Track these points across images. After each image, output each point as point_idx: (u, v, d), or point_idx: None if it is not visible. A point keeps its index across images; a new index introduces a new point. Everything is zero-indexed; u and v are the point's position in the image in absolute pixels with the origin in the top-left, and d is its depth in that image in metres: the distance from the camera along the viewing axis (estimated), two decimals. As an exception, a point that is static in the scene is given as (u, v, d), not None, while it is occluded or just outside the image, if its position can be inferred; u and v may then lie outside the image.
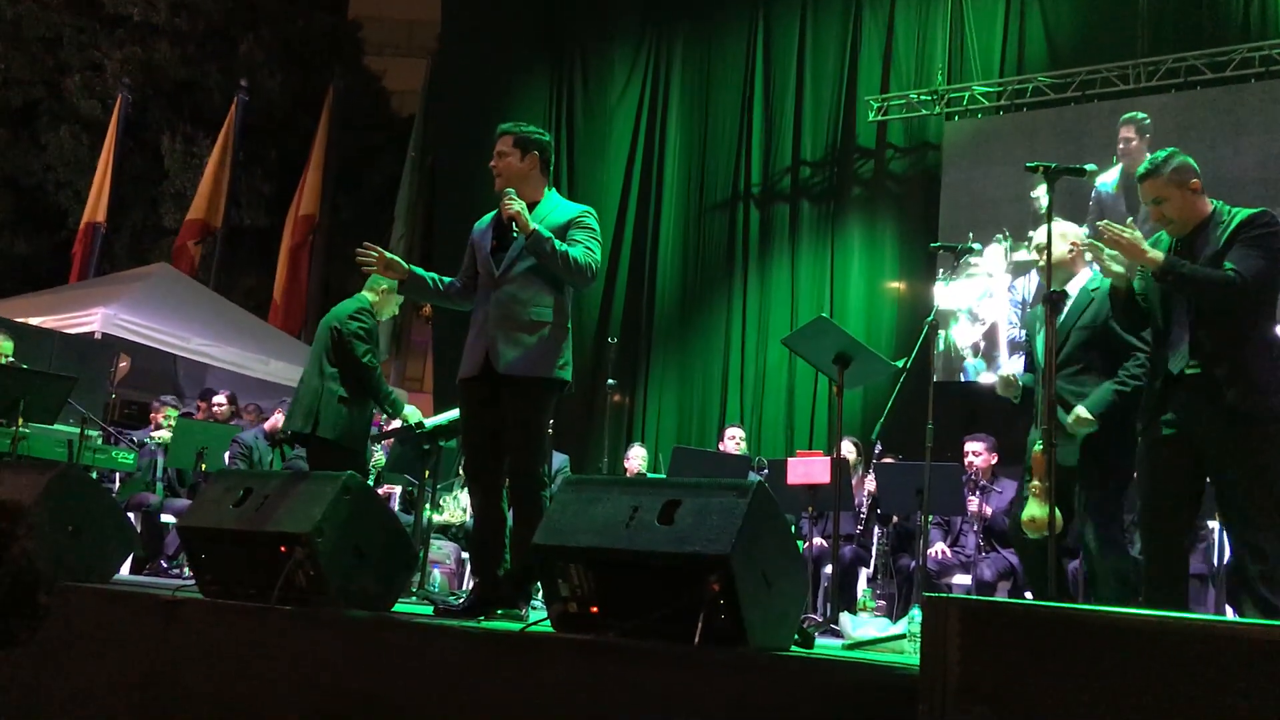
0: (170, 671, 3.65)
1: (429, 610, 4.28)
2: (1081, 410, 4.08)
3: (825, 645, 3.79)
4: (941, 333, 9.23)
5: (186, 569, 5.73)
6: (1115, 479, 4.15)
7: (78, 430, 6.57)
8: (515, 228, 4.15)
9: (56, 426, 6.56)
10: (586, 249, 4.16)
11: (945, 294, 9.04)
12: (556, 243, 4.11)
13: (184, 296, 11.33)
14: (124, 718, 3.67)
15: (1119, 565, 4.03)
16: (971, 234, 9.20)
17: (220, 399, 8.76)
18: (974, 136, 9.99)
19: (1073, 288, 4.36)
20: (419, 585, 5.57)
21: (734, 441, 7.68)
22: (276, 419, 7.78)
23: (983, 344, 9.37)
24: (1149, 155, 4.05)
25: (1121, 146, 9.04)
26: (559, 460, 7.32)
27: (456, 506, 7.74)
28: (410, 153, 14.81)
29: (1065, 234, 4.38)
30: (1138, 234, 3.77)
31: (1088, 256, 4.21)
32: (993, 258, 9.47)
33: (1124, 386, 4.11)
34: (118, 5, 16.00)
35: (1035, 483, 3.95)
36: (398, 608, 4.13)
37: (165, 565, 7.35)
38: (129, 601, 3.93)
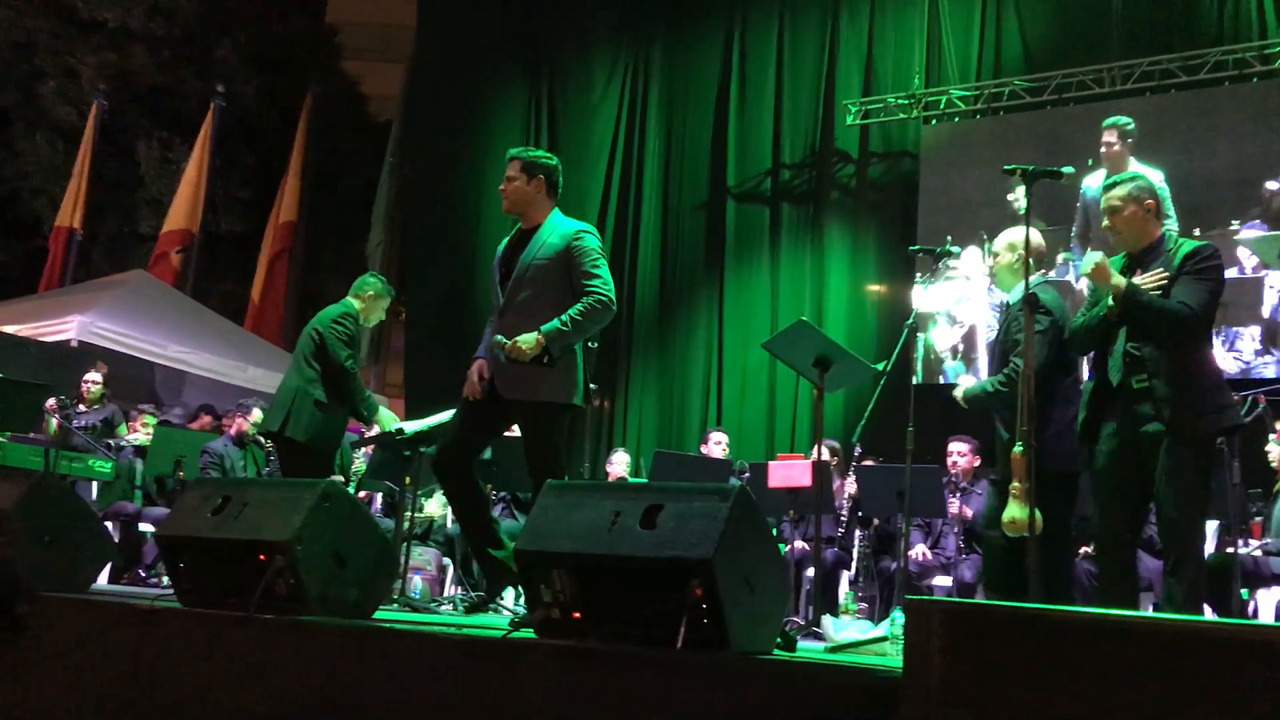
0: (148, 681, 3.61)
1: (410, 617, 4.26)
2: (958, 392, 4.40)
3: (807, 648, 3.79)
4: (921, 335, 9.26)
5: (165, 578, 5.69)
6: None
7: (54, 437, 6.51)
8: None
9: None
10: (591, 284, 4.22)
11: (924, 297, 9.08)
12: (561, 328, 4.19)
13: (161, 303, 11.26)
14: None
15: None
16: (950, 237, 9.24)
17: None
18: (951, 140, 10.04)
19: (1016, 293, 4.42)
20: (400, 592, 5.55)
21: (719, 446, 7.67)
22: (240, 422, 7.74)
23: (961, 346, 9.42)
24: (1131, 158, 4.25)
25: (1103, 150, 9.10)
26: (541, 465, 7.29)
27: (439, 505, 7.72)
28: (388, 158, 14.76)
29: (1015, 243, 4.45)
30: (1101, 256, 3.92)
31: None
32: (971, 261, 9.52)
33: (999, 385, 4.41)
34: (93, 11, 15.88)
35: (1015, 484, 3.97)
36: (378, 615, 4.11)
37: (143, 574, 7.30)
38: (106, 611, 3.89)
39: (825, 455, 5.96)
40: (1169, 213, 6.69)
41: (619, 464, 8.18)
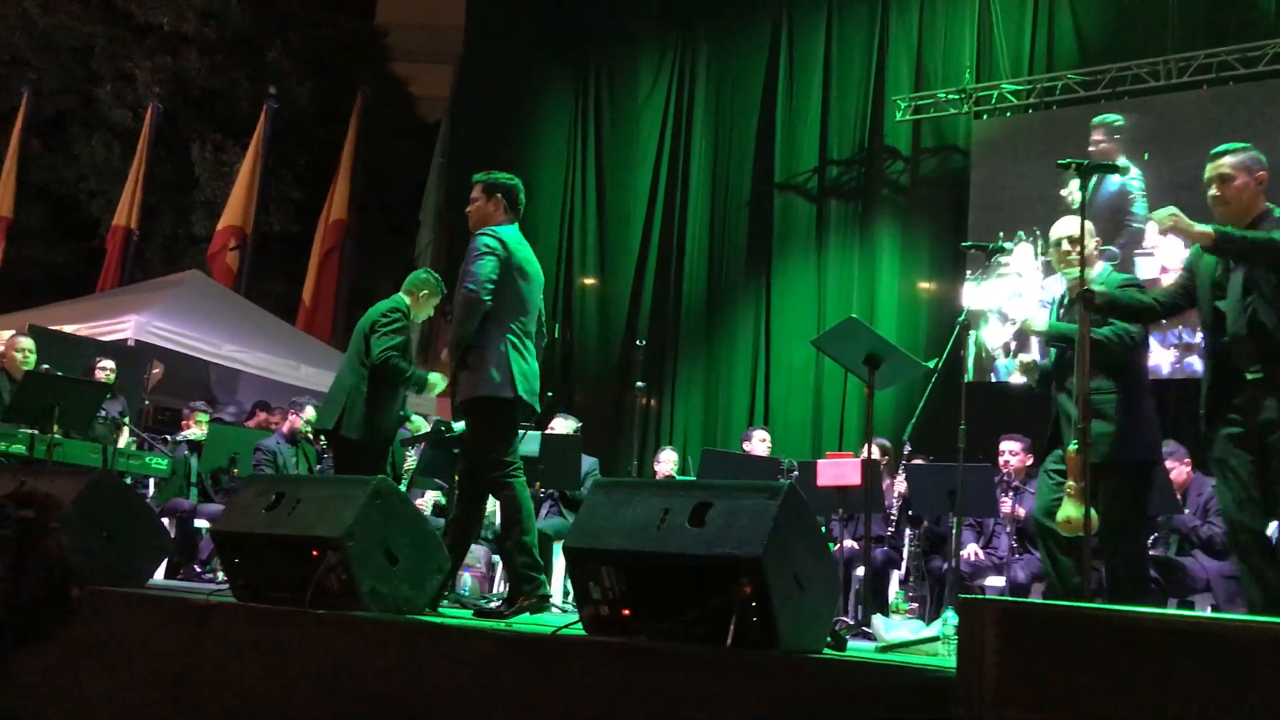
0: (203, 674, 3.67)
1: (461, 614, 4.29)
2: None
3: (858, 648, 3.77)
4: (972, 333, 9.17)
5: (220, 573, 5.77)
6: None
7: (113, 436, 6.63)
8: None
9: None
10: (464, 280, 4.54)
11: (976, 294, 8.98)
12: (454, 339, 4.61)
13: (215, 303, 11.42)
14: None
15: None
16: (1002, 233, 9.13)
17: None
18: (1003, 135, 9.92)
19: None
20: (450, 589, 5.57)
21: (763, 444, 7.63)
22: (292, 420, 7.82)
23: (1014, 344, 9.29)
24: (1121, 156, 4.18)
25: (1092, 149, 9.07)
26: (588, 463, 7.32)
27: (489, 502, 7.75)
28: (437, 158, 14.85)
29: (1075, 233, 4.35)
30: (1175, 210, 3.82)
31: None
32: (1022, 257, 9.40)
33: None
34: (148, 15, 16.14)
35: (1070, 483, 3.91)
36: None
37: (199, 569, 7.41)
38: (163, 605, 3.96)
39: (875, 453, 5.91)
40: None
41: (666, 462, 8.18)
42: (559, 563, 6.90)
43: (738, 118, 11.56)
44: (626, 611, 3.25)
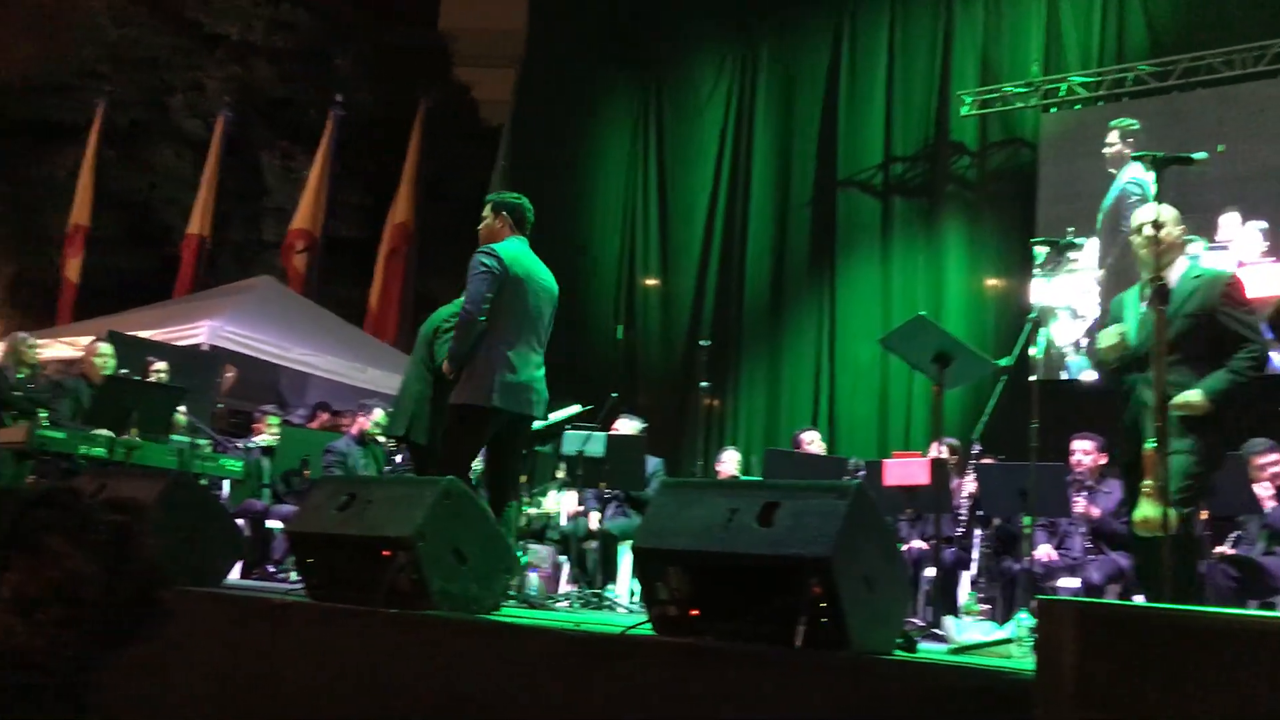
0: (279, 672, 3.73)
1: (528, 613, 4.31)
2: (1193, 394, 3.97)
3: (929, 650, 3.72)
4: (1042, 330, 9.01)
5: (293, 573, 5.87)
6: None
7: (188, 440, 6.77)
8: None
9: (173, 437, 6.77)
10: (463, 304, 4.88)
11: (1046, 290, 8.82)
12: (453, 357, 4.91)
13: (285, 308, 11.62)
14: (233, 719, 3.77)
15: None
16: (1072, 228, 8.96)
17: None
18: (1072, 128, 9.75)
19: (1173, 275, 4.23)
20: (517, 589, 5.61)
21: (812, 446, 7.56)
22: (361, 422, 7.92)
23: (1085, 341, 9.12)
24: (1131, 157, 4.09)
25: (1106, 151, 9.06)
26: (653, 464, 7.32)
27: (554, 502, 7.80)
28: (499, 162, 14.97)
29: (1159, 220, 4.25)
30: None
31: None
32: (1094, 253, 9.23)
33: (1239, 376, 4.00)
34: (217, 25, 16.51)
35: (1148, 482, 3.83)
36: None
37: (272, 569, 7.54)
38: (240, 604, 4.04)
39: (944, 453, 5.84)
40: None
41: (729, 462, 8.15)
42: (625, 563, 6.93)
43: (800, 115, 11.48)
44: (694, 612, 3.24)
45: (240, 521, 7.44)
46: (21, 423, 7.13)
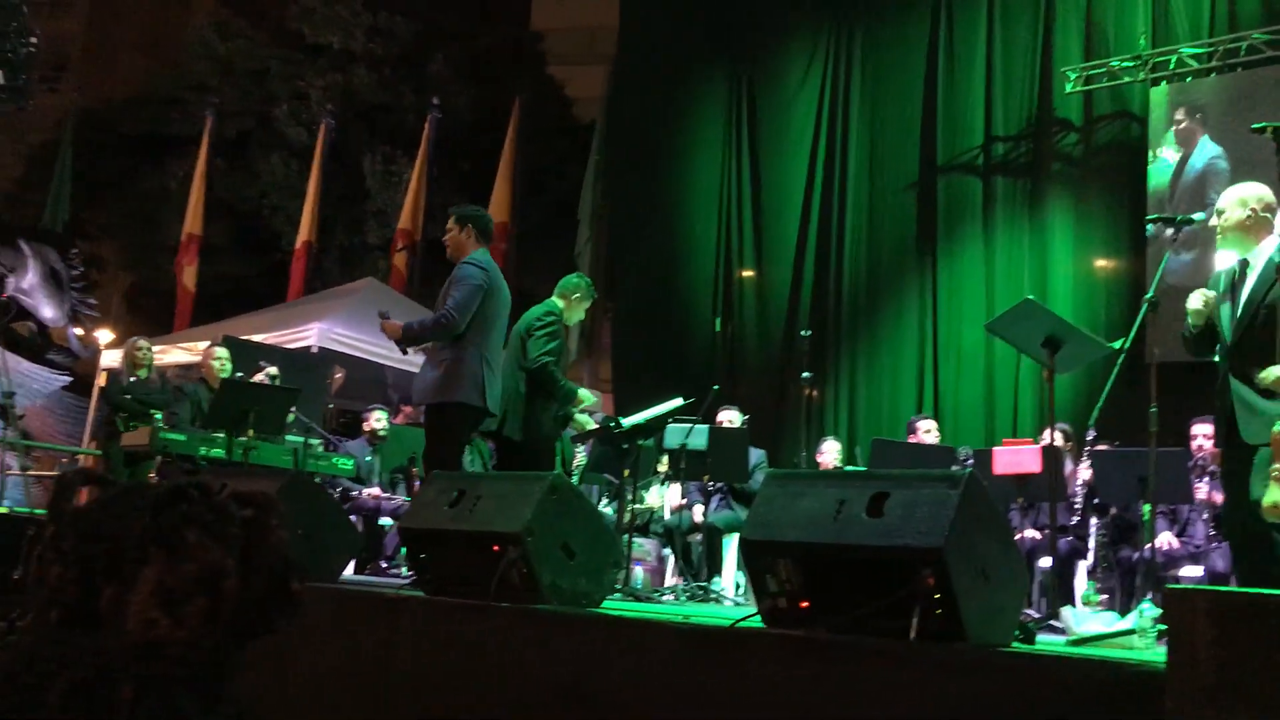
0: (396, 665, 3.81)
1: (636, 607, 4.33)
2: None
3: (1048, 641, 3.64)
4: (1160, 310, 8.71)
5: (405, 568, 6.00)
6: None
7: (302, 439, 6.96)
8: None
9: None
10: (445, 306, 5.14)
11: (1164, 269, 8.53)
12: (409, 326, 5.30)
13: (390, 309, 11.83)
14: (353, 712, 3.86)
15: None
16: (1183, 205, 8.65)
17: None
18: (1183, 102, 9.40)
19: (1258, 258, 4.05)
20: (623, 583, 5.65)
21: (929, 434, 7.42)
22: None
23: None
24: (1204, 136, 3.88)
25: (1173, 128, 8.63)
26: (756, 455, 7.29)
27: (658, 496, 7.82)
28: (593, 157, 15.05)
29: (1245, 199, 4.08)
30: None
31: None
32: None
33: None
34: (318, 35, 16.92)
35: (1277, 466, 3.67)
36: (606, 605, 4.20)
37: (384, 565, 7.70)
38: (358, 600, 4.13)
39: (1058, 439, 5.69)
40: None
41: (830, 453, 8.06)
42: (730, 555, 6.91)
43: (895, 100, 11.30)
44: (805, 604, 3.22)
45: (353, 518, 7.63)
46: (136, 425, 7.44)
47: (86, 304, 12.79)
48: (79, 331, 12.53)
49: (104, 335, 13.59)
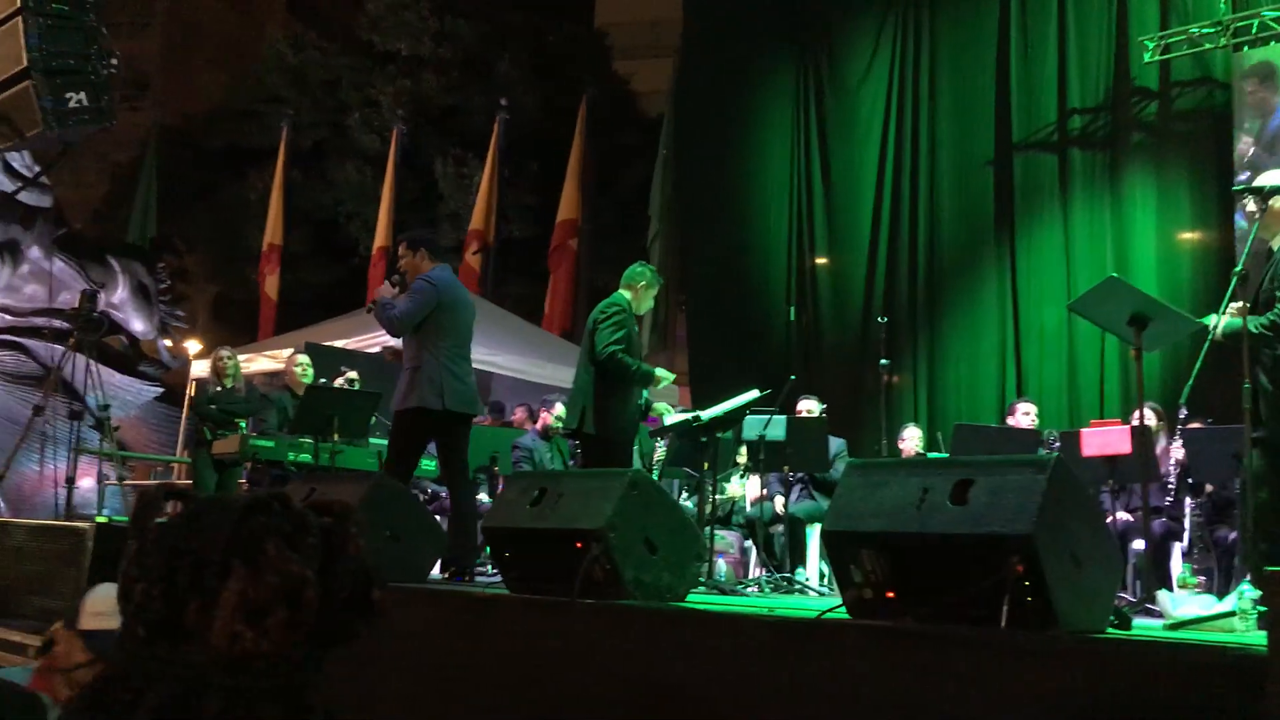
0: (483, 664, 3.86)
1: (721, 599, 4.33)
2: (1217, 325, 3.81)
3: (1144, 626, 3.55)
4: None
5: (489, 566, 6.07)
6: None
7: (386, 442, 7.07)
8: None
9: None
10: (396, 312, 5.47)
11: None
12: (380, 305, 5.56)
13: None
14: (442, 711, 3.92)
15: None
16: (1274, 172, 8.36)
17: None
18: (1267, 66, 9.09)
19: None
20: (706, 576, 5.64)
21: (1027, 416, 7.23)
22: (544, 416, 8.10)
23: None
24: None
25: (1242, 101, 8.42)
26: (836, 445, 7.22)
27: (739, 485, 7.81)
28: (661, 150, 15.04)
29: None
30: None
31: None
32: None
33: None
34: (387, 43, 17.15)
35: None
36: (689, 598, 4.20)
37: (469, 563, 7.78)
38: (446, 599, 4.20)
39: (1149, 418, 5.55)
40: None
41: (911, 439, 7.96)
42: (813, 545, 6.87)
43: (967, 78, 11.09)
44: (890, 594, 3.19)
45: (437, 518, 7.73)
46: (224, 434, 7.63)
47: (174, 316, 13.14)
48: (168, 343, 12.88)
49: (192, 346, 13.95)
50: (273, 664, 1.11)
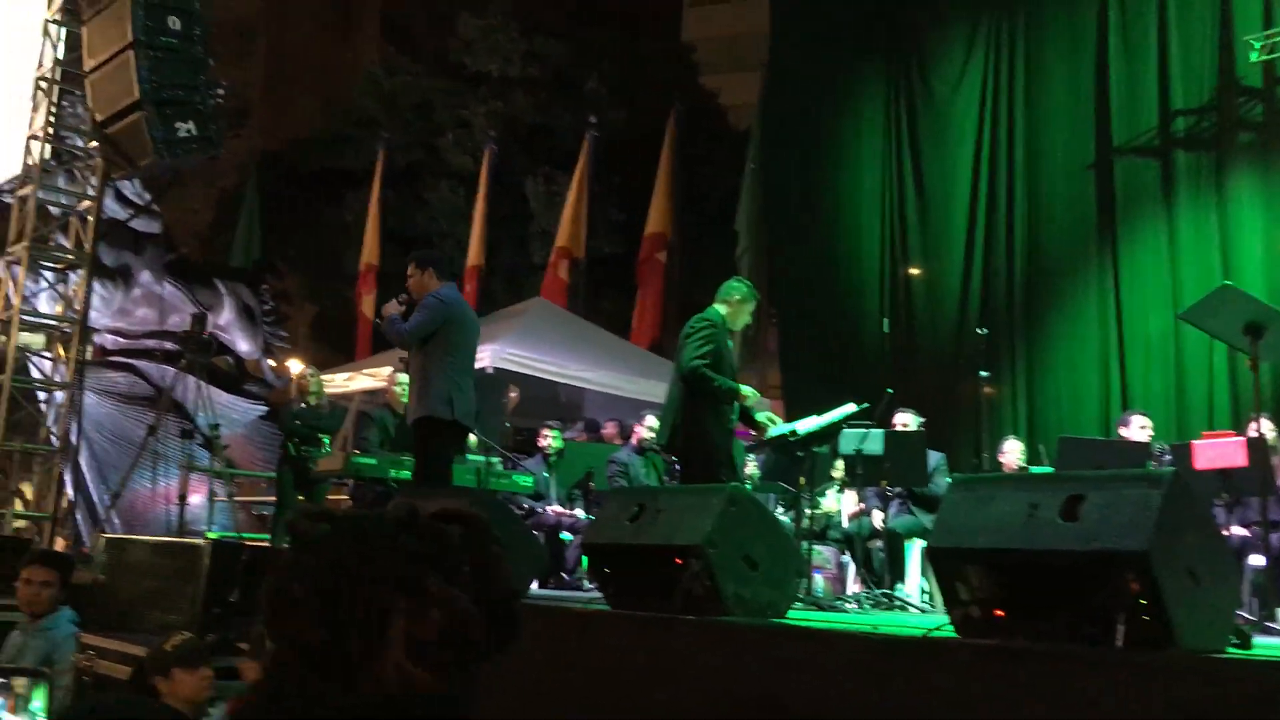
0: (587, 679, 3.89)
1: (822, 616, 4.30)
2: None
3: (1265, 645, 3.43)
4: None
5: (586, 581, 6.11)
6: None
7: (484, 459, 7.17)
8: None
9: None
10: (406, 326, 5.73)
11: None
12: (390, 322, 5.84)
13: (558, 327, 12.11)
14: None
15: None
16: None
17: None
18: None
19: None
20: (804, 591, 5.60)
21: (1143, 430, 6.97)
22: (638, 432, 8.13)
23: None
24: None
25: None
26: (934, 458, 7.11)
27: (834, 500, 7.74)
28: (749, 164, 15.01)
29: None
30: None
31: None
32: None
33: None
34: (478, 64, 17.45)
35: None
36: (790, 615, 4.18)
37: (566, 578, 7.86)
38: (547, 615, 4.24)
39: (1266, 430, 5.36)
40: None
41: (1012, 453, 7.78)
42: (913, 561, 6.77)
43: (1063, 82, 10.87)
44: (999, 612, 3.13)
45: (535, 533, 7.81)
46: (308, 450, 7.85)
47: (277, 336, 13.53)
48: (272, 363, 13.27)
49: (294, 365, 14.32)
50: (438, 699, 1.10)
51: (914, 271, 11.95)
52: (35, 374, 10.58)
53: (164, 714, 2.44)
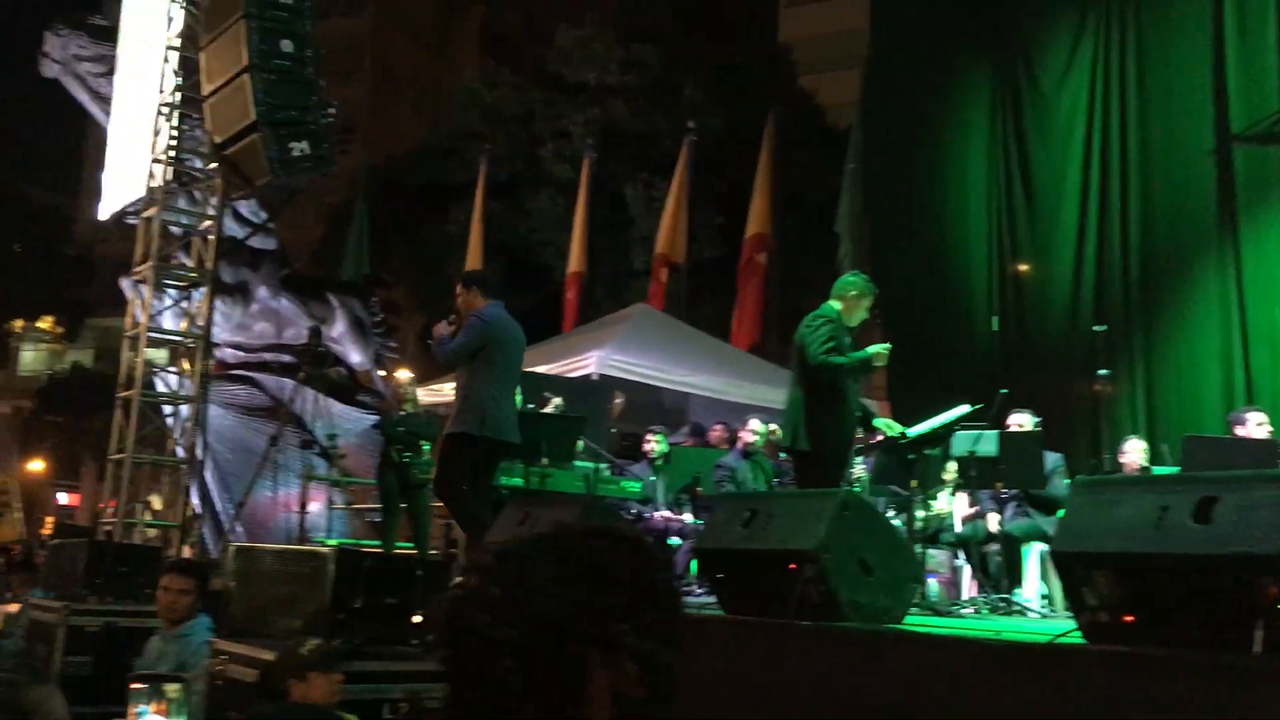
0: (698, 684, 3.89)
1: (940, 621, 4.23)
2: None
3: None
4: None
5: (695, 585, 6.12)
6: None
7: (592, 465, 7.24)
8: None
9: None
10: (452, 345, 5.94)
11: None
12: (440, 340, 6.06)
13: (661, 332, 12.15)
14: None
15: None
16: None
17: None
18: None
19: None
20: (919, 597, 5.51)
21: (1260, 427, 6.73)
22: (744, 435, 8.10)
23: None
24: None
25: None
26: (1052, 460, 6.93)
27: (946, 502, 7.60)
28: (849, 164, 14.85)
29: None
30: None
31: None
32: None
33: None
34: (576, 74, 17.64)
35: None
36: (907, 620, 4.12)
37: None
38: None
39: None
40: None
41: (1133, 453, 7.52)
42: (1031, 565, 6.61)
43: (1178, 69, 10.50)
44: (1128, 618, 3.04)
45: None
46: (409, 456, 8.04)
47: (388, 347, 13.85)
48: (383, 373, 13.58)
49: (403, 375, 14.63)
50: None
51: (1023, 268, 11.67)
52: (161, 388, 11.01)
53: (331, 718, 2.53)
